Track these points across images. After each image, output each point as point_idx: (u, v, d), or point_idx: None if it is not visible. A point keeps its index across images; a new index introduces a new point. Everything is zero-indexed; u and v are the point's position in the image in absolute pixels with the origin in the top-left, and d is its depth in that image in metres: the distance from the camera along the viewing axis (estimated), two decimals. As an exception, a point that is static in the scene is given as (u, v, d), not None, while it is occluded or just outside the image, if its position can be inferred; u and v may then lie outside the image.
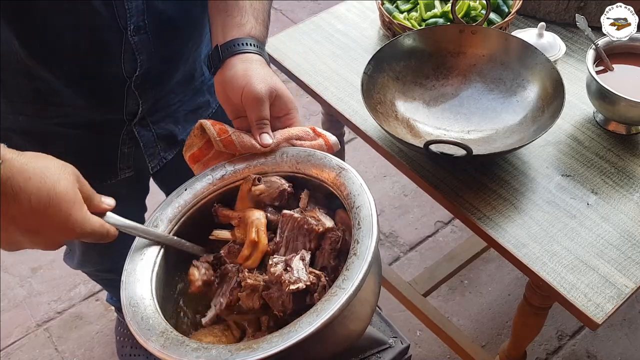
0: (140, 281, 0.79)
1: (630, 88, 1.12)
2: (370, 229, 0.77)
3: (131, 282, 0.79)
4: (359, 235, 0.77)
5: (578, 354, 1.79)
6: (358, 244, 0.76)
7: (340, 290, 0.71)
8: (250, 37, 0.91)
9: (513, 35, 1.24)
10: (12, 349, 1.83)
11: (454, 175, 1.14)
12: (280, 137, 0.90)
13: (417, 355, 1.79)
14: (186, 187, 0.89)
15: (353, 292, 0.70)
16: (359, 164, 2.26)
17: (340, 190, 0.85)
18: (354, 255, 0.75)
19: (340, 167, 0.87)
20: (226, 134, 0.89)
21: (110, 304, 1.84)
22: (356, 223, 0.79)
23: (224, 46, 0.90)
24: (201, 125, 0.90)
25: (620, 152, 1.17)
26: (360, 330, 0.88)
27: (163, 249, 0.83)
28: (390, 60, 1.22)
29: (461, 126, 1.21)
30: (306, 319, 0.70)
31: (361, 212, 0.80)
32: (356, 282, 0.72)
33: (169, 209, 0.86)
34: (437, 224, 2.11)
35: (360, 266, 0.73)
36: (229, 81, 0.88)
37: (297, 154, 0.90)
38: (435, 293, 1.84)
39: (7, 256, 2.02)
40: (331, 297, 0.71)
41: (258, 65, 0.88)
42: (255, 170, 0.90)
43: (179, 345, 0.71)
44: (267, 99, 0.86)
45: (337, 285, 0.72)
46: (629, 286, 0.98)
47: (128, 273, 0.80)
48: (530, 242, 1.04)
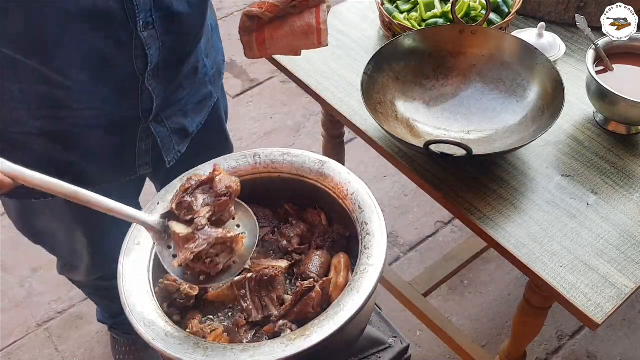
0: (140, 293, 0.79)
1: (630, 88, 1.12)
2: (374, 210, 0.78)
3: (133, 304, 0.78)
4: (365, 218, 0.79)
5: (578, 354, 1.79)
6: (367, 225, 0.78)
7: (370, 266, 0.73)
8: None
9: (513, 36, 1.24)
10: (12, 349, 1.83)
11: (454, 175, 1.14)
12: None
13: (417, 355, 1.79)
14: (158, 200, 0.89)
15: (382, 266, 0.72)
16: (359, 164, 2.26)
17: (327, 183, 0.86)
18: (368, 235, 0.76)
19: (321, 161, 0.88)
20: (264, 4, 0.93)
21: (102, 322, 1.76)
22: (357, 207, 0.81)
23: None
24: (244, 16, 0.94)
25: (620, 152, 1.17)
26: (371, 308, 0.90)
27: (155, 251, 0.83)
28: (390, 61, 1.22)
29: (461, 126, 1.21)
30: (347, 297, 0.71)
31: (359, 197, 0.81)
32: (381, 257, 0.73)
33: None
34: (437, 224, 2.11)
35: (380, 241, 0.74)
36: None
37: (271, 153, 0.91)
38: (435, 293, 1.84)
39: (7, 256, 2.02)
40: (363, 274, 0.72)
41: None
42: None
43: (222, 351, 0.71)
44: None
45: (364, 263, 0.73)
46: (629, 286, 0.98)
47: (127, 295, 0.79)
48: (530, 242, 1.04)
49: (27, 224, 1.22)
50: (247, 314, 0.84)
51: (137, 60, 0.94)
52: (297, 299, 0.82)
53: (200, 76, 1.14)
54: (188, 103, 1.13)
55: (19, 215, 1.19)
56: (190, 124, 1.15)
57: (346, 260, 0.90)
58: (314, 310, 0.80)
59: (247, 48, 1.01)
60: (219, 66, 1.22)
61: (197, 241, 0.74)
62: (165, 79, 1.02)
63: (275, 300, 0.85)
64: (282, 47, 0.99)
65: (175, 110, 1.11)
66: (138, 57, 0.94)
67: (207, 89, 1.17)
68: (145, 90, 0.99)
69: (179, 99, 1.10)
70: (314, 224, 0.96)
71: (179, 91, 1.09)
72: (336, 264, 0.89)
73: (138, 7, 0.88)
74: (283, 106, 2.43)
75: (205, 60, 1.14)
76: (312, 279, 0.85)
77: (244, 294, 0.85)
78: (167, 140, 1.11)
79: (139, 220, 0.80)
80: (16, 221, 1.22)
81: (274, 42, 0.98)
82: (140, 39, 0.92)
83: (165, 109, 1.08)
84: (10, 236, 2.09)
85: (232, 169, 0.91)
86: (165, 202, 0.88)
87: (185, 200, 0.78)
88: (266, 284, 0.85)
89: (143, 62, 0.95)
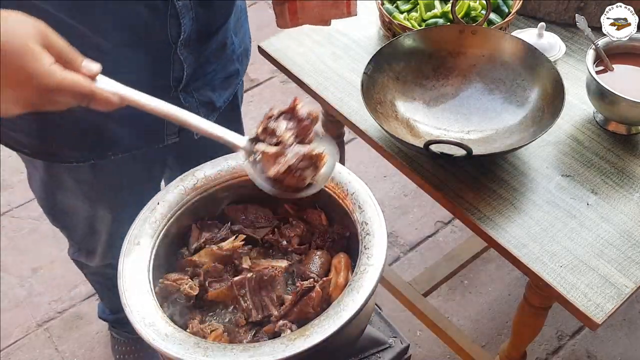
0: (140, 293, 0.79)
1: (630, 88, 1.12)
2: (374, 209, 0.78)
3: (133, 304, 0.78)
4: (365, 217, 0.79)
5: (578, 354, 1.79)
6: (367, 224, 0.78)
7: (370, 266, 0.73)
8: None
9: (513, 36, 1.24)
10: (12, 349, 1.83)
11: (454, 175, 1.14)
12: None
13: (417, 355, 1.79)
14: (158, 200, 0.89)
15: (382, 266, 0.72)
16: (359, 164, 2.26)
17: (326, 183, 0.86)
18: (368, 235, 0.77)
19: None
20: None
21: (103, 319, 1.77)
22: (357, 207, 0.81)
23: None
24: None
25: (620, 152, 1.17)
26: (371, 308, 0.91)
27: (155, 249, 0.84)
28: (390, 61, 1.22)
29: (461, 126, 1.21)
30: (347, 297, 0.71)
31: (359, 197, 0.82)
32: (382, 256, 0.73)
33: (147, 225, 0.86)
34: (437, 224, 2.11)
35: (380, 241, 0.74)
36: None
37: None
38: (435, 293, 1.84)
39: (7, 256, 2.02)
40: (363, 274, 0.72)
41: None
42: (228, 176, 0.91)
43: (222, 351, 0.71)
44: None
45: (364, 263, 0.74)
46: (629, 286, 0.98)
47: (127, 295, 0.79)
48: (530, 242, 1.04)
49: (51, 199, 1.23)
50: (247, 314, 0.84)
51: (171, 28, 0.97)
52: (297, 299, 0.82)
53: (228, 52, 1.16)
54: (216, 77, 1.15)
55: (44, 187, 1.21)
56: (218, 99, 1.17)
57: (346, 260, 0.90)
58: (314, 310, 0.80)
59: (280, 17, 1.04)
60: (246, 46, 1.25)
61: (287, 156, 0.78)
62: (196, 50, 1.05)
63: (275, 300, 0.85)
64: (313, 16, 1.03)
65: (204, 83, 1.13)
66: (172, 25, 0.96)
67: (234, 66, 1.20)
68: (177, 59, 1.02)
69: (207, 72, 1.12)
70: (314, 224, 0.96)
71: (208, 64, 1.12)
72: (336, 264, 0.89)
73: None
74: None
75: (233, 38, 1.17)
76: (312, 278, 0.85)
77: (243, 293, 0.85)
78: (195, 111, 1.11)
79: (229, 141, 0.82)
80: (40, 195, 1.24)
81: (305, 12, 1.01)
82: (175, 8, 0.94)
83: (194, 81, 1.10)
84: (10, 236, 2.10)
85: (232, 168, 0.91)
86: (165, 202, 0.88)
87: (270, 127, 0.82)
88: (266, 284, 0.85)
89: (176, 30, 0.98)
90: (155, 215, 0.87)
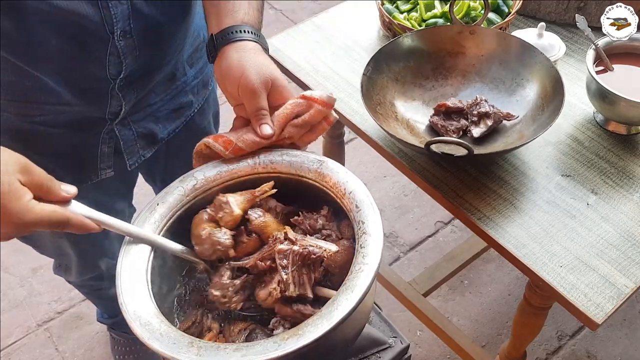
0: (138, 295, 0.79)
1: (630, 88, 1.12)
2: (371, 208, 0.78)
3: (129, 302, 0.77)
4: (362, 216, 0.78)
5: (578, 354, 1.79)
6: (364, 224, 0.78)
7: (365, 265, 0.73)
8: (244, 23, 0.91)
9: (511, 35, 1.24)
10: (12, 349, 1.83)
11: (454, 175, 1.14)
12: (279, 122, 0.89)
13: (417, 355, 1.79)
14: (158, 201, 0.88)
15: (377, 265, 0.72)
16: (359, 164, 2.26)
17: (325, 182, 0.86)
18: (364, 234, 0.76)
19: (319, 160, 0.88)
20: (231, 144, 0.89)
21: (102, 322, 1.77)
22: (354, 206, 0.80)
23: (218, 35, 0.90)
24: (204, 145, 0.91)
25: (620, 152, 1.17)
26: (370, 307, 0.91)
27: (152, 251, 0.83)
28: (389, 61, 1.22)
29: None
30: (342, 296, 0.71)
31: (356, 196, 0.81)
32: (377, 256, 0.73)
33: (146, 226, 0.86)
34: (437, 224, 2.11)
35: (375, 241, 0.74)
36: (225, 72, 0.88)
37: (270, 153, 0.91)
38: (435, 293, 1.84)
39: (7, 256, 2.02)
40: (358, 273, 0.72)
41: (252, 53, 0.88)
42: (228, 177, 0.90)
43: (215, 350, 0.71)
44: (263, 90, 0.86)
45: (359, 262, 0.73)
46: (629, 286, 0.98)
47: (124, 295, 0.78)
48: (530, 242, 1.04)
49: None
50: (285, 286, 0.81)
51: (110, 66, 0.93)
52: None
53: (178, 84, 1.12)
54: (161, 109, 1.11)
55: None
56: (161, 131, 1.13)
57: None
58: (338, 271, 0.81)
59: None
60: (206, 77, 1.20)
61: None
62: (138, 86, 1.01)
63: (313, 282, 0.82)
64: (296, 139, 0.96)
65: (145, 114, 1.09)
66: (112, 63, 0.92)
67: (186, 97, 1.15)
68: (115, 95, 0.98)
69: (151, 104, 1.08)
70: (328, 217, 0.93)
71: (152, 95, 1.08)
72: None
73: (116, 16, 0.87)
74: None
75: (186, 69, 1.12)
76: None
77: (285, 264, 0.82)
78: (130, 144, 1.09)
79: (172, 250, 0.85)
80: None
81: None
82: (116, 47, 0.90)
83: (133, 113, 1.06)
84: (10, 236, 2.09)
85: (231, 170, 0.91)
86: (165, 203, 0.87)
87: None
88: (310, 264, 0.82)
89: (117, 69, 0.94)
90: (154, 216, 0.86)
